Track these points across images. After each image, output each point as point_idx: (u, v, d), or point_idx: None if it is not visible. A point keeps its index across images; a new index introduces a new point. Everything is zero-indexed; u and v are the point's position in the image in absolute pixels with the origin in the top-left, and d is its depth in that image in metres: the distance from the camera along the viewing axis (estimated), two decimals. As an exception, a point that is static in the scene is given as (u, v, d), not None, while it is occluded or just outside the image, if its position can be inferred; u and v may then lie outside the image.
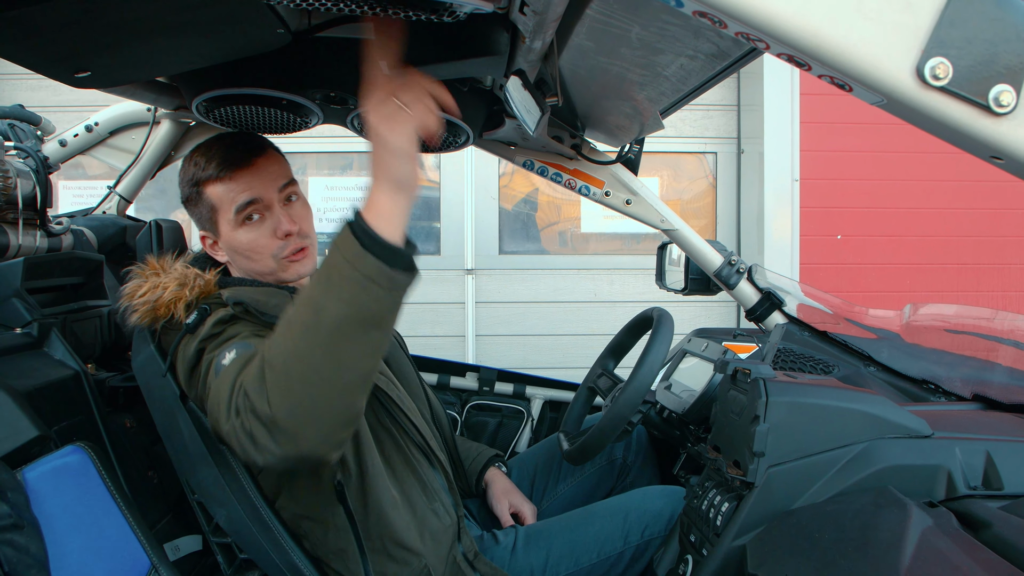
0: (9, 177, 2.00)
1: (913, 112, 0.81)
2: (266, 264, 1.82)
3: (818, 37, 0.78)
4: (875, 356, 2.31)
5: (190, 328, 1.65)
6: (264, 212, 1.80)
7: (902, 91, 0.79)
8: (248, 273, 1.85)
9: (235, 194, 1.78)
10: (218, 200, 1.79)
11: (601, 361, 2.40)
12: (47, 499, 1.41)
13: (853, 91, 0.83)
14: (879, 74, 0.79)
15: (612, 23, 1.42)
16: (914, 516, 1.31)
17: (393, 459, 1.80)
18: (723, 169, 5.76)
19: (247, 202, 1.77)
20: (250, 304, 1.62)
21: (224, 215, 1.79)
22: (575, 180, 2.57)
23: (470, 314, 5.57)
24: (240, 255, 1.82)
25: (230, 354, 1.50)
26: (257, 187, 1.79)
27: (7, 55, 1.51)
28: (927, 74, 0.78)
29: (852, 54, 0.78)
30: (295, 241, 1.81)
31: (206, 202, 1.81)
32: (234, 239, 1.80)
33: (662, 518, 1.96)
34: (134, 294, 1.73)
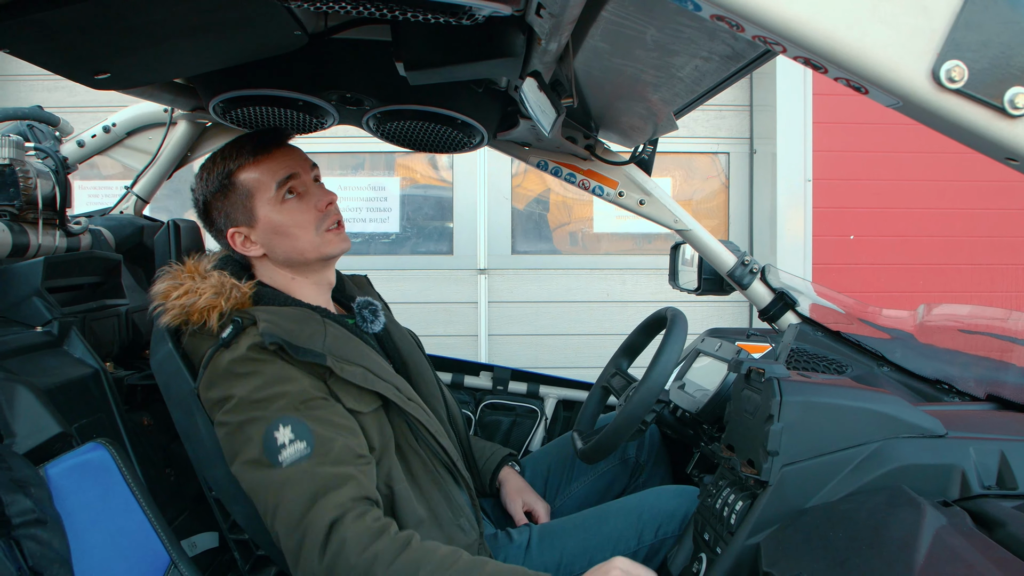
0: (29, 178, 2.02)
1: (929, 114, 0.81)
2: (308, 240, 1.85)
3: (834, 40, 0.78)
4: (888, 356, 2.31)
5: (225, 343, 1.68)
6: (301, 189, 1.86)
7: (918, 94, 0.80)
8: (287, 256, 1.87)
9: (273, 172, 1.84)
10: (255, 183, 1.84)
11: (615, 360, 2.40)
12: (69, 495, 1.43)
13: (869, 93, 0.83)
14: (895, 77, 0.79)
15: (627, 25, 1.43)
16: (928, 515, 1.31)
17: (421, 478, 1.82)
18: (736, 169, 5.76)
19: (288, 176, 1.84)
20: (285, 343, 1.65)
21: (263, 195, 1.83)
22: (589, 180, 2.57)
23: (483, 314, 5.58)
24: (281, 235, 1.85)
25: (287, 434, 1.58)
26: (295, 164, 1.86)
27: (28, 57, 1.53)
28: (943, 77, 0.78)
29: (868, 57, 0.79)
30: (335, 212, 1.89)
31: (240, 190, 1.84)
32: (275, 218, 1.84)
33: (676, 517, 1.96)
34: (169, 295, 1.76)
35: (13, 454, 1.39)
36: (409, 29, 1.57)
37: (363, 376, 1.72)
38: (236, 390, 1.64)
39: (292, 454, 1.56)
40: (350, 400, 1.70)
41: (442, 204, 5.63)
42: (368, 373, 1.74)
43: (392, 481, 1.73)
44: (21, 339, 1.85)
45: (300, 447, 1.57)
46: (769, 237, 5.49)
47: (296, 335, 1.69)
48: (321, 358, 1.67)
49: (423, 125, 2.13)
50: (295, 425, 1.59)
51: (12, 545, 1.27)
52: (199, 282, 1.76)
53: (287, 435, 1.57)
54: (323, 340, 1.73)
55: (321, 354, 1.68)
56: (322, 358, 1.67)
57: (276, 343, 1.64)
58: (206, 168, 1.89)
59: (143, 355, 2.46)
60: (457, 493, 1.89)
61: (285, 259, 1.89)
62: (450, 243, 5.60)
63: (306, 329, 1.74)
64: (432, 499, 1.82)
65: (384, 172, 5.62)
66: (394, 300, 2.83)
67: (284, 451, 1.57)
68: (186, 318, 1.74)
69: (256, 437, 1.59)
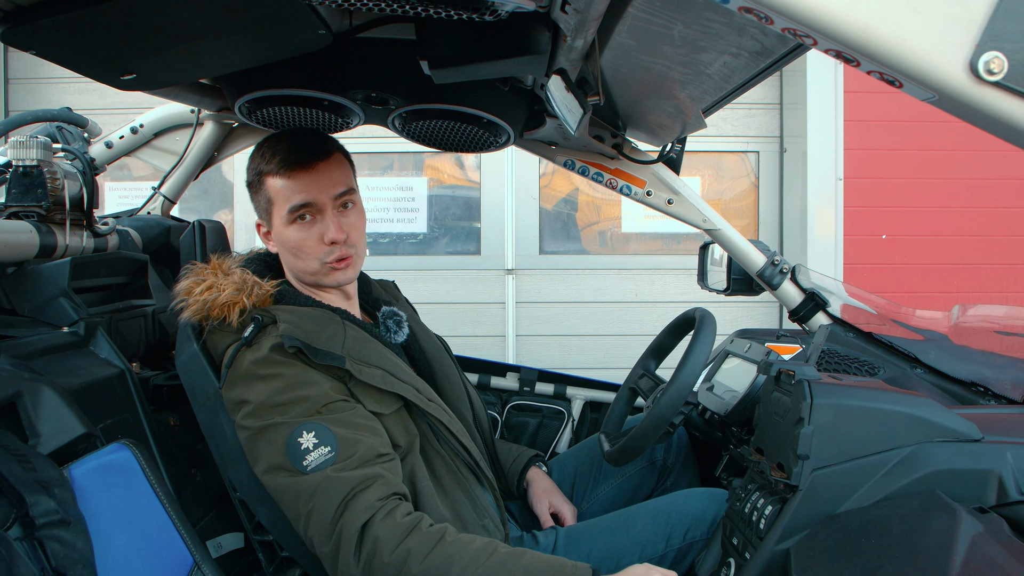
0: (57, 179, 2.03)
1: (966, 108, 0.79)
2: (310, 265, 1.85)
3: (868, 32, 0.76)
4: (922, 358, 2.27)
5: (247, 341, 1.70)
6: (316, 215, 1.82)
7: (955, 87, 0.77)
8: (293, 269, 1.89)
9: (291, 193, 1.80)
10: (275, 194, 1.83)
11: (642, 362, 2.38)
12: (93, 496, 1.43)
13: (903, 87, 0.81)
14: (931, 69, 0.77)
15: (654, 21, 1.41)
16: (964, 522, 1.28)
17: (444, 479, 1.82)
18: (765, 168, 5.70)
19: (300, 204, 1.80)
20: (305, 345, 1.66)
21: (278, 210, 1.83)
22: (616, 180, 2.55)
23: (510, 314, 5.56)
24: (287, 251, 1.86)
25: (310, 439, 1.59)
26: (313, 191, 1.80)
27: (54, 58, 1.53)
28: (981, 69, 0.76)
29: (903, 49, 0.76)
30: (340, 250, 1.83)
31: (265, 193, 1.84)
32: (284, 235, 1.84)
33: (704, 520, 1.94)
34: (191, 291, 1.78)
35: (37, 455, 1.40)
36: (433, 27, 1.56)
37: (382, 378, 1.73)
38: (257, 393, 1.65)
39: (317, 459, 1.57)
40: (371, 402, 1.71)
41: (470, 204, 5.62)
42: (387, 375, 1.74)
43: (416, 479, 1.74)
44: (47, 339, 1.86)
45: (324, 452, 1.58)
46: (799, 237, 5.43)
47: (316, 337, 1.70)
48: (340, 361, 1.68)
49: (449, 124, 2.12)
50: (318, 430, 1.60)
51: (36, 546, 1.27)
52: (222, 279, 1.78)
53: (311, 440, 1.59)
54: (343, 342, 1.74)
55: (340, 356, 1.69)
56: (341, 361, 1.68)
57: (295, 346, 1.65)
58: (252, 154, 1.89)
59: (169, 355, 2.47)
60: (481, 494, 1.89)
61: (293, 269, 1.90)
62: (478, 243, 5.59)
63: (326, 331, 1.75)
64: (456, 500, 1.82)
65: (412, 172, 5.62)
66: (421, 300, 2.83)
67: (309, 456, 1.58)
68: (207, 314, 1.75)
69: (279, 443, 1.60)
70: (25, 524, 1.28)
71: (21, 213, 1.99)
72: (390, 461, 1.66)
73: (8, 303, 2.00)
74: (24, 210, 1.99)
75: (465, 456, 1.86)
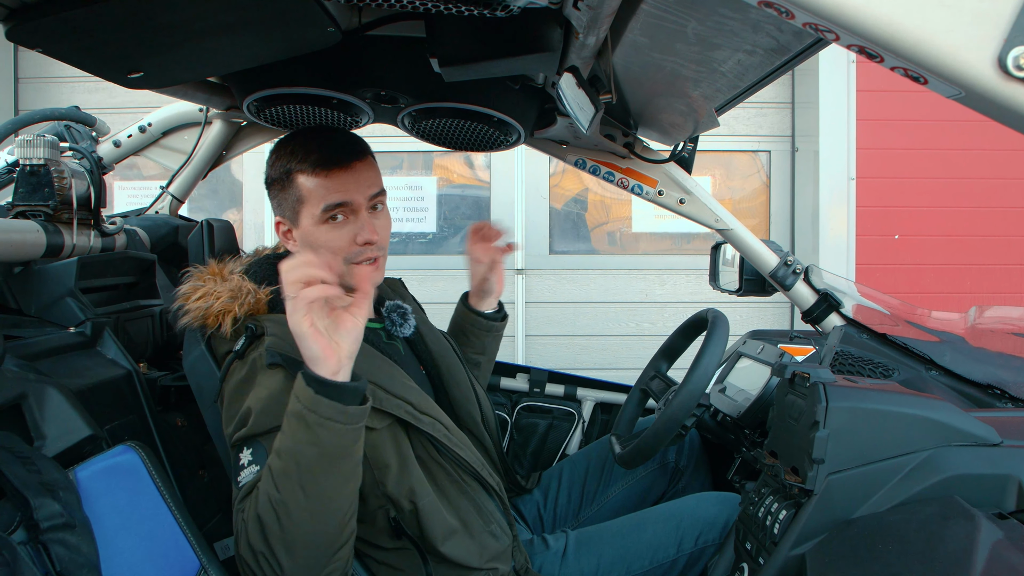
0: (64, 178, 2.02)
1: (993, 105, 0.76)
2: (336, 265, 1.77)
3: (892, 26, 0.73)
4: (937, 360, 2.24)
5: (239, 354, 1.67)
6: (349, 216, 1.78)
7: (982, 83, 0.74)
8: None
9: (328, 192, 1.75)
10: (308, 193, 1.77)
11: (654, 363, 2.36)
12: (98, 498, 1.41)
13: (928, 84, 0.78)
14: (958, 65, 0.74)
15: (668, 18, 1.39)
16: (983, 528, 1.26)
17: (448, 489, 1.79)
18: (777, 168, 5.68)
19: (337, 203, 1.75)
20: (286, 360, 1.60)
21: (310, 209, 1.77)
22: (628, 179, 2.53)
23: (520, 314, 5.55)
24: (316, 250, 1.79)
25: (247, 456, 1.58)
26: (352, 190, 1.77)
27: (61, 56, 1.52)
28: (1010, 64, 0.73)
29: (929, 44, 0.74)
30: (371, 251, 1.80)
31: (295, 191, 1.78)
32: (313, 234, 1.78)
33: (716, 525, 1.92)
34: (190, 296, 1.74)
35: (43, 457, 1.38)
36: (443, 24, 1.54)
37: (373, 393, 1.65)
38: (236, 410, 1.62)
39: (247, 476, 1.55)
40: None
41: (479, 204, 5.61)
42: (377, 390, 1.68)
43: (416, 496, 1.68)
44: (54, 340, 1.85)
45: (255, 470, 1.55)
46: (811, 237, 5.40)
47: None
48: None
49: (459, 123, 2.10)
50: (256, 456, 1.56)
51: (40, 549, 1.26)
52: (218, 285, 1.74)
53: (247, 460, 1.57)
54: None
55: None
56: None
57: (275, 363, 1.60)
58: (276, 151, 1.84)
59: (177, 356, 2.46)
60: (486, 500, 1.86)
61: None
62: (488, 243, 5.57)
63: None
64: (461, 509, 1.79)
65: (422, 172, 5.61)
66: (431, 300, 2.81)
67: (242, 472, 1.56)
68: (204, 321, 1.72)
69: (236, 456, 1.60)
70: (30, 528, 1.26)
71: (28, 212, 1.98)
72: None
73: (15, 303, 1.99)
74: (31, 209, 1.98)
75: (466, 465, 1.81)
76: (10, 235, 1.84)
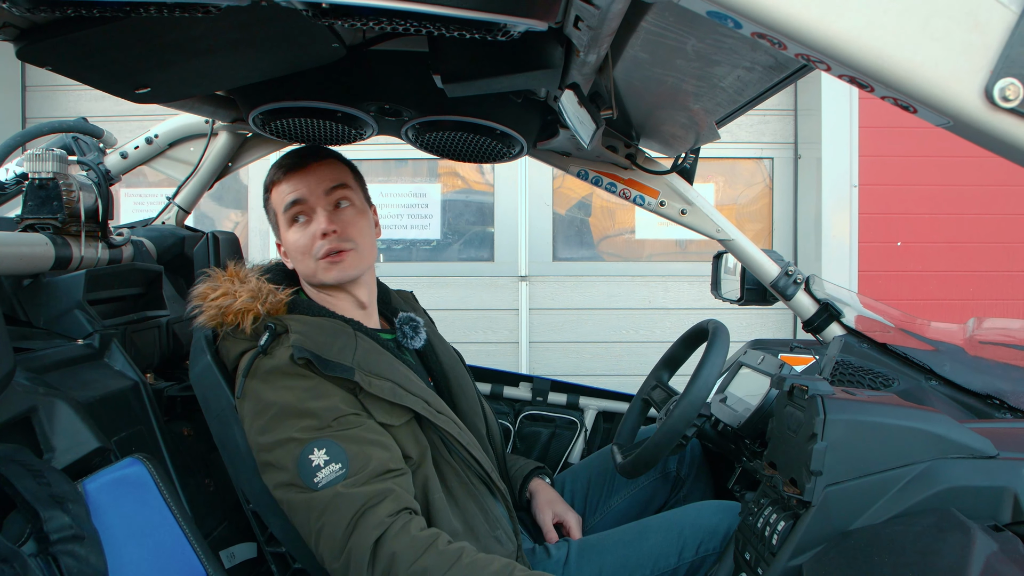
0: (72, 191, 2.04)
1: (981, 135, 0.78)
2: (308, 265, 1.88)
3: (882, 59, 0.75)
4: (937, 369, 2.25)
5: (263, 349, 1.72)
6: (310, 214, 1.88)
7: (970, 113, 0.76)
8: (303, 275, 1.93)
9: (285, 195, 1.88)
10: (276, 202, 1.91)
11: (655, 373, 2.37)
12: (107, 510, 1.43)
13: (918, 112, 0.80)
14: (946, 96, 0.76)
15: (668, 35, 1.41)
16: (978, 541, 1.27)
17: (456, 491, 1.82)
18: (780, 175, 5.68)
19: (292, 201, 1.87)
20: (315, 356, 1.67)
21: (281, 216, 1.90)
22: (630, 190, 2.55)
23: (524, 321, 5.56)
24: (293, 257, 1.92)
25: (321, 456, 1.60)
26: (303, 189, 1.87)
27: (69, 74, 1.54)
28: (996, 95, 0.75)
29: (918, 76, 0.76)
30: (332, 242, 1.85)
31: (271, 207, 1.93)
32: (287, 240, 1.91)
33: (717, 534, 1.93)
34: (207, 296, 1.79)
35: (52, 469, 1.40)
36: (446, 42, 1.56)
37: (391, 391, 1.74)
38: (270, 405, 1.66)
39: (328, 476, 1.59)
40: (381, 414, 1.72)
41: (483, 210, 5.62)
42: (396, 387, 1.75)
43: (428, 491, 1.74)
44: (62, 352, 1.87)
45: (335, 468, 1.59)
46: (814, 244, 5.41)
47: (326, 348, 1.72)
48: (350, 372, 1.69)
49: (462, 136, 2.12)
50: (329, 447, 1.61)
51: (50, 561, 1.28)
52: (237, 285, 1.80)
53: (322, 457, 1.60)
54: (353, 353, 1.75)
55: (350, 368, 1.70)
56: (351, 372, 1.69)
57: (305, 357, 1.66)
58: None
59: (183, 365, 2.48)
60: (493, 505, 1.89)
61: (303, 276, 1.94)
62: (491, 250, 5.59)
63: (337, 342, 1.75)
64: (468, 511, 1.82)
65: (426, 178, 5.63)
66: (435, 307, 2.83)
67: (320, 473, 1.59)
68: (221, 320, 1.77)
69: (291, 460, 1.61)
70: (40, 539, 1.28)
71: (37, 225, 2.00)
72: (401, 476, 1.66)
73: (24, 315, 2.01)
74: (40, 222, 2.00)
75: (476, 468, 1.86)
76: (20, 248, 1.86)
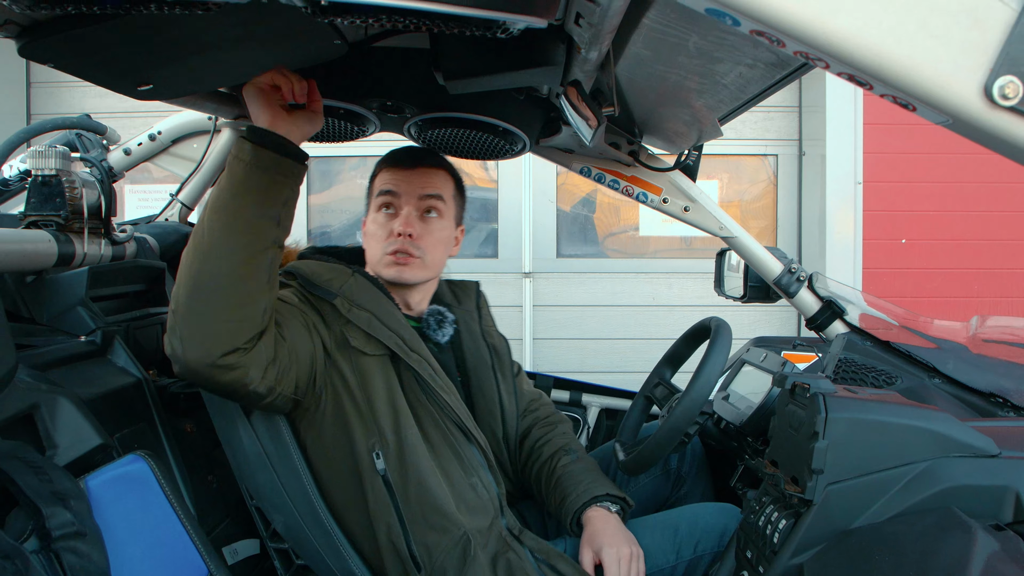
0: (76, 188, 2.05)
1: (980, 133, 0.78)
2: (375, 253, 2.00)
3: (881, 56, 0.75)
4: (940, 367, 2.24)
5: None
6: (397, 209, 2.00)
7: (969, 111, 0.76)
8: (369, 259, 2.05)
9: (384, 182, 2.03)
10: (376, 185, 2.06)
11: (658, 370, 2.37)
12: (108, 507, 1.44)
13: (917, 110, 0.80)
14: (945, 94, 0.76)
15: (669, 32, 1.40)
16: (979, 540, 1.27)
17: (431, 435, 1.85)
18: (784, 171, 5.68)
19: (385, 191, 2.01)
20: (300, 276, 1.87)
21: (373, 198, 2.05)
22: (633, 187, 2.54)
23: (527, 317, 5.56)
24: (368, 238, 2.05)
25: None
26: (401, 184, 2.01)
27: (71, 71, 1.54)
28: (995, 94, 0.75)
29: (917, 73, 0.75)
30: (401, 243, 1.95)
31: (372, 187, 2.08)
32: (369, 220, 2.06)
33: (714, 533, 1.93)
34: None
35: (54, 466, 1.40)
36: (447, 39, 1.56)
37: (368, 321, 1.82)
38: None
39: None
40: (358, 340, 1.81)
41: (487, 206, 5.62)
42: (373, 319, 1.83)
43: (401, 428, 1.79)
44: (65, 349, 1.87)
45: None
46: (818, 241, 5.40)
47: (314, 276, 1.86)
48: (331, 296, 1.81)
49: (464, 132, 2.12)
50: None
51: (52, 558, 1.28)
52: None
53: None
54: (341, 285, 1.86)
55: (333, 293, 1.82)
56: (332, 296, 1.81)
57: (292, 275, 1.85)
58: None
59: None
60: (471, 453, 1.91)
61: (368, 262, 2.05)
62: (495, 246, 5.59)
63: (327, 275, 1.88)
64: (443, 456, 1.86)
65: (431, 174, 5.62)
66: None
67: None
68: None
69: None
70: (42, 536, 1.28)
71: (40, 222, 2.00)
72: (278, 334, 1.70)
73: (27, 312, 2.02)
74: (43, 219, 2.00)
75: (451, 413, 1.88)
76: (23, 245, 1.87)
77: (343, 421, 1.78)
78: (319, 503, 1.78)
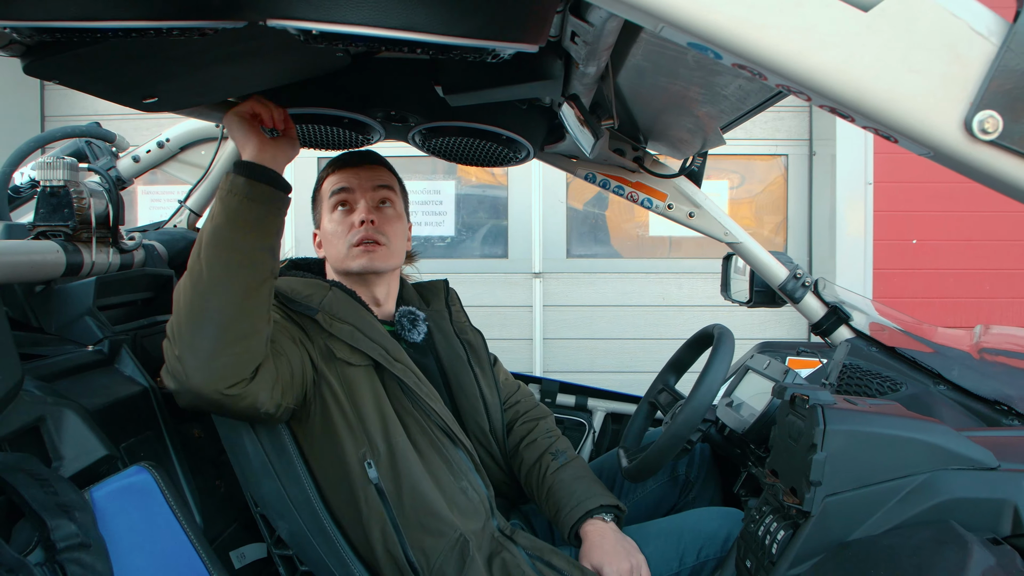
0: (84, 198, 2.07)
1: (962, 165, 0.79)
2: (339, 250, 2.02)
3: (862, 92, 0.76)
4: (945, 374, 2.24)
5: None
6: (353, 204, 2.04)
7: (949, 145, 0.77)
8: (331, 261, 2.08)
9: (334, 183, 2.07)
10: (325, 190, 2.09)
11: (662, 376, 2.38)
12: (113, 518, 1.45)
13: (899, 143, 0.81)
14: (925, 128, 0.77)
15: (667, 45, 1.41)
16: (975, 555, 1.27)
17: (419, 442, 1.87)
18: (794, 171, 5.66)
19: (339, 189, 2.05)
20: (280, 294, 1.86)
21: (324, 202, 2.08)
22: (637, 193, 2.55)
23: (537, 317, 5.57)
24: (326, 241, 2.07)
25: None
26: (353, 181, 2.06)
27: (77, 86, 1.56)
28: (975, 128, 0.76)
29: (898, 108, 0.76)
30: (365, 231, 1.99)
31: (320, 195, 2.12)
32: (325, 224, 2.07)
33: (718, 539, 1.94)
34: None
35: (60, 478, 1.43)
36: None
37: (350, 333, 1.84)
38: None
39: None
40: (343, 352, 1.83)
41: (497, 205, 5.63)
42: (355, 331, 1.85)
43: (391, 436, 1.82)
44: (73, 359, 1.90)
45: None
46: (828, 241, 5.39)
47: (294, 293, 1.88)
48: (312, 311, 1.83)
49: (468, 141, 2.13)
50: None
51: (57, 569, 1.30)
52: None
53: None
54: (321, 300, 1.88)
55: (314, 308, 1.84)
56: (313, 311, 1.83)
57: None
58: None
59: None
60: (458, 457, 1.92)
61: (331, 262, 2.07)
62: (505, 246, 5.60)
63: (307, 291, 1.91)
64: (432, 462, 1.87)
65: (442, 176, 5.65)
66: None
67: None
68: None
69: None
70: (47, 548, 1.30)
71: (48, 232, 2.03)
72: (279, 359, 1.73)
73: (36, 321, 2.04)
74: (51, 229, 2.03)
75: (437, 419, 1.89)
76: (32, 256, 1.89)
77: (331, 432, 1.80)
78: (322, 511, 1.80)
